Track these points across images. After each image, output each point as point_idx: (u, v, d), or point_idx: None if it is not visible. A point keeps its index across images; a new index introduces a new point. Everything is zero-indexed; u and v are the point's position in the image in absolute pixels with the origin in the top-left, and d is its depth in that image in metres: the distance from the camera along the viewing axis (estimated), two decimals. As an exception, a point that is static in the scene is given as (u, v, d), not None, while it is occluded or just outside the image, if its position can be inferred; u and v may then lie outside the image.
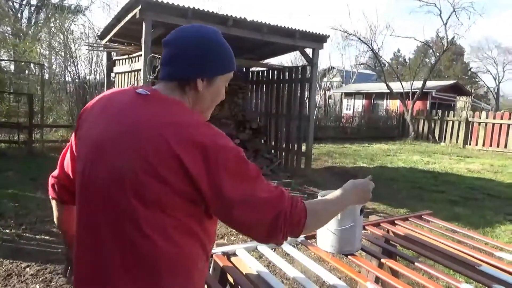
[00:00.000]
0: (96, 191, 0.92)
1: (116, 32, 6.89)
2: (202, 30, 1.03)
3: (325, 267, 1.78)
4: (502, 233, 4.66)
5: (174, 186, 0.86)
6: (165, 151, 0.86)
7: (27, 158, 7.51)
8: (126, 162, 0.88)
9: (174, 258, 0.91)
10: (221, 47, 1.04)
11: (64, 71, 11.65)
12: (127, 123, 0.92)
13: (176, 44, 1.01)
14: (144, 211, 0.87)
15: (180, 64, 0.99)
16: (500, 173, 8.91)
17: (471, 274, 1.53)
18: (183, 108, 0.97)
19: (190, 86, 1.00)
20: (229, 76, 1.09)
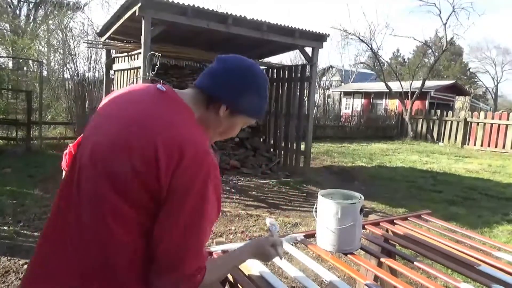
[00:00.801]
0: (78, 169, 0.94)
1: (115, 30, 6.88)
2: (257, 70, 1.05)
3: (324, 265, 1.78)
4: (500, 233, 4.68)
5: (144, 180, 0.86)
6: (146, 142, 0.87)
7: (25, 155, 7.49)
8: (105, 148, 0.90)
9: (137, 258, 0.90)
10: (260, 94, 1.05)
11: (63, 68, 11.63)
12: (127, 113, 0.94)
13: (227, 65, 1.02)
14: (114, 198, 0.87)
15: (218, 82, 1.00)
16: (498, 174, 8.94)
17: (469, 273, 1.54)
18: (188, 114, 0.97)
19: (213, 106, 1.01)
20: (250, 121, 1.10)
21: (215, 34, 6.40)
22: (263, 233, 4.26)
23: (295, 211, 5.20)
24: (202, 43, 7.34)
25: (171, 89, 1.00)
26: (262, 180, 6.70)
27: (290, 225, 4.58)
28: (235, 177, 6.76)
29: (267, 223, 1.35)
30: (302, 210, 5.24)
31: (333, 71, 29.38)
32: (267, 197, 5.85)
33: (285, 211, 5.18)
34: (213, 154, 0.94)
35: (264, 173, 7.20)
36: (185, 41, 7.07)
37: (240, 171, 7.06)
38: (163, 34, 5.84)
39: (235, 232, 4.26)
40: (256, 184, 6.42)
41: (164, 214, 0.87)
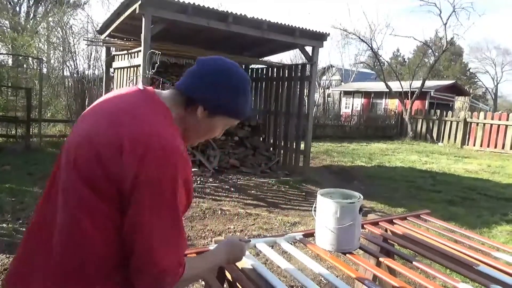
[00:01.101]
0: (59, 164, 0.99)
1: (115, 27, 6.87)
2: (236, 71, 1.05)
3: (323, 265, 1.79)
4: (498, 233, 4.68)
5: (110, 173, 0.87)
6: (113, 134, 0.89)
7: (25, 152, 7.48)
8: (77, 139, 0.94)
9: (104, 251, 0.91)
10: (239, 93, 1.05)
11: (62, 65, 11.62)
12: (103, 107, 1.00)
13: (206, 66, 1.03)
14: (88, 194, 0.89)
15: (196, 83, 1.02)
16: (497, 174, 8.94)
17: (468, 273, 1.54)
18: (162, 111, 0.98)
19: (192, 107, 1.02)
20: (231, 122, 1.10)
21: (215, 32, 6.39)
22: (262, 232, 4.26)
23: (294, 210, 5.20)
24: (202, 42, 7.33)
25: (151, 89, 1.03)
26: (261, 179, 6.70)
27: (289, 224, 4.59)
28: (234, 176, 6.75)
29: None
30: (301, 209, 5.24)
31: (333, 70, 29.37)
32: (266, 196, 5.85)
33: (284, 210, 5.18)
34: (183, 150, 0.94)
35: (263, 172, 7.20)
36: (185, 39, 7.06)
37: (239, 170, 7.06)
38: (163, 32, 5.83)
39: (234, 231, 4.26)
40: (256, 183, 6.42)
41: (133, 209, 0.88)
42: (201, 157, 6.73)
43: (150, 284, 0.91)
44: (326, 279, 1.48)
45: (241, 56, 8.09)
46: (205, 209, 4.87)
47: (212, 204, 5.10)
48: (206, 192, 5.65)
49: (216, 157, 6.91)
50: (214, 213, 4.79)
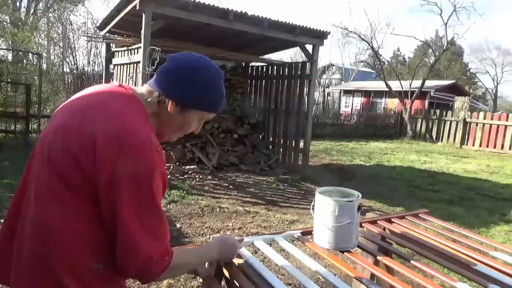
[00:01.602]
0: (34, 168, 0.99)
1: (115, 24, 6.85)
2: (204, 65, 1.06)
3: (321, 263, 1.78)
4: (497, 233, 4.69)
5: (81, 166, 0.88)
6: (86, 128, 0.90)
7: (24, 148, 7.47)
8: (50, 132, 0.96)
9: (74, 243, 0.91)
10: (211, 87, 1.06)
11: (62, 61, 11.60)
12: (77, 102, 1.01)
13: (175, 62, 1.05)
14: (58, 186, 0.90)
15: (165, 79, 1.03)
16: (496, 174, 8.95)
17: (466, 273, 1.54)
18: (135, 106, 1.00)
19: (164, 103, 1.03)
20: (207, 116, 1.11)
21: (216, 29, 6.38)
22: (260, 229, 4.26)
23: (292, 209, 5.20)
24: (202, 39, 7.32)
25: (127, 86, 1.05)
26: (260, 177, 6.70)
27: (287, 222, 4.59)
28: (233, 173, 6.75)
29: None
30: (299, 208, 5.24)
31: (333, 69, 29.35)
32: (265, 194, 5.86)
33: (283, 208, 5.18)
34: (158, 144, 0.96)
35: (262, 170, 7.20)
36: (186, 36, 7.05)
37: (238, 167, 7.06)
38: (163, 29, 5.82)
39: (233, 228, 4.26)
40: (254, 181, 6.42)
41: (112, 205, 0.89)
42: (200, 155, 6.72)
43: (136, 273, 0.94)
44: (324, 278, 1.48)
45: (241, 53, 8.08)
46: (204, 206, 4.87)
47: (210, 202, 5.10)
48: (205, 190, 5.65)
49: (215, 155, 6.91)
50: (212, 210, 4.79)
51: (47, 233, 0.91)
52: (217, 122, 7.53)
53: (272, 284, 1.35)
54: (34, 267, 0.92)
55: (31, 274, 0.92)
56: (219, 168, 6.82)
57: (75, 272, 0.92)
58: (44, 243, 0.91)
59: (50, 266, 0.91)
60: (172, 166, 6.24)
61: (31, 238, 0.92)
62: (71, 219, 0.91)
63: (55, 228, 0.90)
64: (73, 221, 0.91)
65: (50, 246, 0.91)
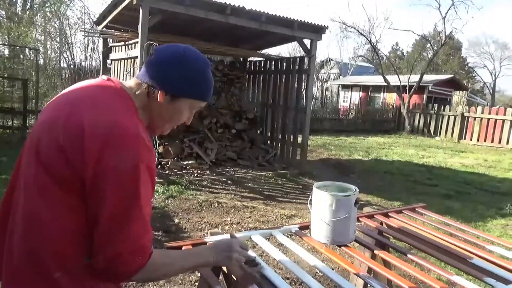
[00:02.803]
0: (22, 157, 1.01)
1: (112, 18, 6.81)
2: (191, 53, 1.07)
3: (319, 257, 1.79)
4: (493, 227, 4.72)
5: (69, 159, 0.88)
6: (73, 121, 0.90)
7: (21, 144, 7.42)
8: (38, 127, 0.96)
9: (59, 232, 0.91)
10: (199, 74, 1.07)
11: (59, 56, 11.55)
12: (65, 97, 1.01)
13: (161, 53, 1.06)
14: (46, 179, 0.90)
15: (153, 70, 1.04)
16: (493, 168, 8.98)
17: (462, 266, 1.55)
18: (124, 99, 1.00)
19: (153, 94, 1.04)
20: (197, 104, 1.11)
21: (213, 24, 6.35)
22: (258, 224, 4.27)
23: (291, 203, 5.22)
24: (200, 33, 7.29)
25: (116, 80, 1.05)
26: (258, 172, 6.71)
27: (285, 217, 4.60)
28: (231, 168, 6.76)
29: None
30: (298, 202, 5.25)
31: (331, 63, 29.30)
32: (263, 189, 5.87)
33: (281, 203, 5.19)
34: (146, 139, 0.95)
35: (260, 165, 7.20)
36: (183, 31, 7.02)
37: (236, 162, 7.06)
38: (160, 24, 5.79)
39: (231, 223, 4.27)
40: (253, 176, 6.43)
41: (94, 197, 0.89)
42: (198, 150, 6.72)
43: (103, 267, 0.91)
44: (321, 272, 1.48)
45: (239, 48, 8.05)
46: (202, 201, 4.88)
47: (209, 197, 5.11)
48: (203, 185, 5.66)
49: (214, 150, 6.91)
50: (211, 205, 4.80)
51: (37, 228, 0.91)
52: (215, 117, 7.52)
53: (270, 278, 1.36)
54: (23, 262, 0.91)
55: (21, 269, 0.92)
56: (217, 163, 6.82)
57: (65, 266, 0.91)
58: (34, 238, 0.91)
59: (40, 261, 0.91)
60: (170, 161, 6.24)
61: (21, 233, 0.92)
62: (60, 215, 0.90)
63: (44, 223, 0.90)
64: (63, 216, 0.90)
65: (40, 241, 0.91)
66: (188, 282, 2.86)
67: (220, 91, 7.98)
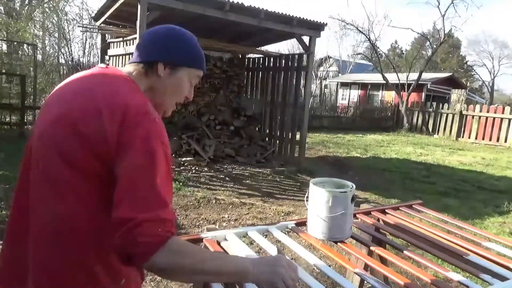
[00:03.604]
0: (30, 152, 0.98)
1: (111, 14, 6.78)
2: (173, 26, 1.11)
3: (316, 254, 1.80)
4: (491, 224, 4.73)
5: (91, 145, 0.88)
6: (90, 109, 0.90)
7: (19, 140, 7.43)
8: (50, 121, 0.94)
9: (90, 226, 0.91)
10: (192, 44, 1.10)
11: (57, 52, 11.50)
12: (68, 88, 1.00)
13: (152, 30, 1.09)
14: (65, 170, 0.89)
15: (147, 47, 1.06)
16: (491, 166, 9.00)
17: (459, 263, 1.55)
18: (127, 82, 1.00)
19: (152, 70, 1.04)
20: (195, 73, 1.11)
21: (212, 20, 6.32)
22: (256, 221, 4.27)
23: (288, 200, 5.22)
24: (199, 30, 7.25)
25: (112, 66, 1.06)
26: (256, 169, 6.71)
27: (283, 214, 4.60)
28: (229, 165, 6.76)
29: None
30: (295, 199, 5.26)
31: (330, 61, 29.27)
32: (261, 186, 5.86)
33: (278, 200, 5.19)
34: (158, 116, 0.96)
35: (258, 162, 7.20)
36: (182, 27, 6.94)
37: (234, 159, 7.06)
38: (159, 20, 5.75)
39: (228, 220, 4.27)
40: (251, 173, 6.42)
41: (118, 170, 0.88)
42: (196, 146, 6.71)
43: (122, 240, 0.82)
44: (318, 268, 1.48)
45: (238, 45, 8.03)
46: (200, 198, 4.87)
47: (207, 193, 5.11)
48: (201, 181, 5.65)
49: (212, 147, 6.90)
50: (208, 202, 4.80)
51: (69, 225, 0.90)
52: (213, 114, 7.51)
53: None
54: (57, 260, 0.91)
55: (55, 268, 0.91)
56: (215, 160, 6.81)
57: (101, 258, 0.93)
58: (68, 235, 0.91)
59: (76, 257, 0.91)
60: (168, 158, 6.23)
61: (51, 233, 0.91)
62: (93, 208, 0.91)
63: (76, 218, 0.90)
64: (96, 210, 0.90)
65: (74, 237, 0.90)
66: (185, 279, 2.86)
67: (219, 88, 7.96)
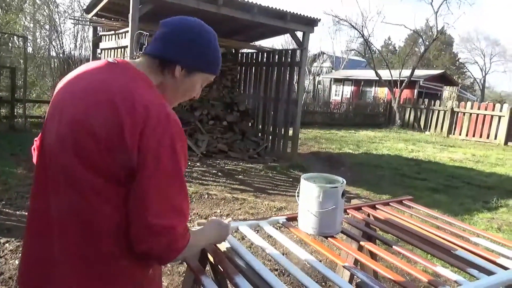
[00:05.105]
0: (47, 153, 0.95)
1: (102, 7, 6.70)
2: (203, 25, 1.05)
3: (307, 249, 1.80)
4: (479, 220, 4.79)
5: (110, 149, 0.86)
6: (107, 113, 0.87)
7: (8, 133, 7.35)
8: (67, 125, 0.90)
9: (115, 224, 0.91)
10: (212, 47, 1.06)
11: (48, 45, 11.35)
12: (80, 86, 0.95)
13: (173, 26, 1.02)
14: (85, 173, 0.88)
15: (168, 43, 1.00)
16: (481, 163, 9.10)
17: (447, 258, 1.57)
18: (143, 81, 0.97)
19: (168, 69, 1.01)
20: (208, 78, 1.10)
21: (205, 15, 6.27)
22: (248, 216, 4.28)
23: (280, 196, 5.23)
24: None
25: (123, 61, 1.01)
26: (249, 164, 6.71)
27: (275, 209, 4.61)
28: (222, 160, 6.75)
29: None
30: (287, 195, 5.27)
31: (324, 57, 29.29)
32: (254, 181, 5.87)
33: (271, 196, 5.20)
34: (175, 116, 0.94)
35: (251, 157, 7.20)
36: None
37: (227, 155, 7.05)
38: (151, 13, 5.71)
39: (220, 215, 4.27)
40: (243, 168, 6.42)
41: (140, 179, 0.87)
42: (189, 141, 6.69)
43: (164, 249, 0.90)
44: (309, 263, 1.49)
45: (231, 39, 7.99)
46: (192, 193, 4.87)
47: (199, 188, 5.10)
48: (193, 176, 5.64)
49: (204, 142, 6.88)
50: (201, 197, 4.79)
51: (94, 226, 0.91)
52: (206, 108, 7.48)
53: (257, 270, 1.36)
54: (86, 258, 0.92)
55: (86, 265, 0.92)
56: (208, 155, 6.80)
57: (129, 254, 0.93)
58: (94, 236, 0.91)
59: (102, 254, 0.92)
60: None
61: (79, 233, 0.91)
62: (116, 209, 0.90)
63: (102, 216, 0.90)
64: (119, 210, 0.90)
65: (100, 237, 0.91)
66: (176, 273, 2.86)
67: (212, 82, 7.93)
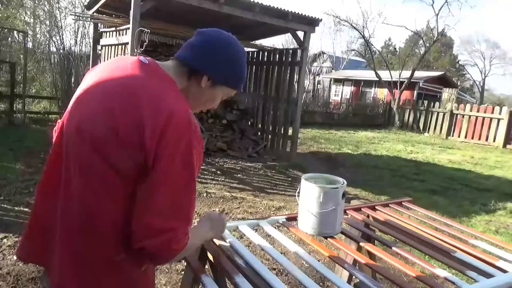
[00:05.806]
0: (66, 137, 0.97)
1: (104, 3, 6.69)
2: (235, 41, 1.08)
3: (305, 248, 1.81)
4: (477, 222, 4.80)
5: (129, 148, 0.88)
6: (132, 110, 0.88)
7: (8, 128, 7.33)
8: (90, 116, 0.92)
9: (115, 221, 0.92)
10: (241, 65, 1.09)
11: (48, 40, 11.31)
12: (109, 79, 0.96)
13: (207, 37, 1.04)
14: (100, 163, 0.89)
15: (199, 54, 1.03)
16: (479, 165, 9.12)
17: (446, 260, 1.57)
18: (170, 84, 0.98)
19: (195, 78, 1.03)
20: (230, 93, 1.13)
21: (207, 13, 6.27)
22: (246, 215, 4.28)
23: (279, 195, 5.23)
24: (193, 22, 7.18)
25: (153, 61, 1.01)
26: (248, 163, 6.71)
27: (274, 209, 4.62)
28: (221, 159, 6.75)
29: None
30: (286, 194, 5.28)
31: (324, 57, 29.29)
32: (253, 180, 5.87)
33: (269, 195, 5.21)
34: (196, 124, 0.96)
35: (250, 156, 7.20)
36: (176, 19, 6.92)
37: (226, 153, 7.05)
38: (153, 10, 5.70)
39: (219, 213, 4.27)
40: (242, 167, 6.43)
41: (151, 179, 0.89)
42: (188, 139, 6.68)
43: (158, 248, 0.91)
44: (308, 263, 1.49)
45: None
46: (191, 191, 4.86)
47: (197, 187, 5.07)
48: (192, 174, 5.63)
49: (204, 140, 6.87)
50: (199, 195, 4.79)
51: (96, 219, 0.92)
52: (206, 107, 7.46)
53: (256, 269, 1.36)
54: (84, 250, 0.93)
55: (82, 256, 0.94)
56: (207, 154, 6.80)
57: (126, 250, 0.94)
58: (95, 227, 0.92)
59: (100, 247, 0.93)
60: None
61: (80, 224, 0.93)
62: (122, 203, 0.92)
63: (108, 211, 0.92)
64: (124, 205, 0.92)
65: (101, 229, 0.92)
66: (174, 271, 2.86)
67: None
